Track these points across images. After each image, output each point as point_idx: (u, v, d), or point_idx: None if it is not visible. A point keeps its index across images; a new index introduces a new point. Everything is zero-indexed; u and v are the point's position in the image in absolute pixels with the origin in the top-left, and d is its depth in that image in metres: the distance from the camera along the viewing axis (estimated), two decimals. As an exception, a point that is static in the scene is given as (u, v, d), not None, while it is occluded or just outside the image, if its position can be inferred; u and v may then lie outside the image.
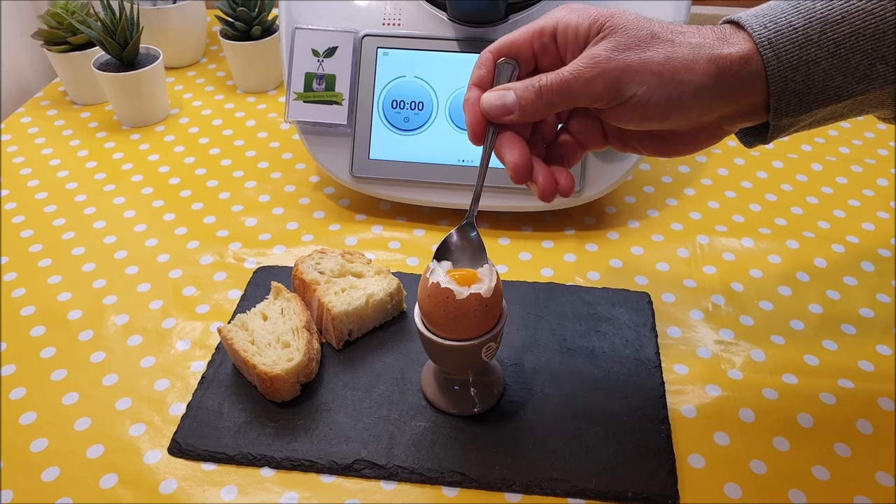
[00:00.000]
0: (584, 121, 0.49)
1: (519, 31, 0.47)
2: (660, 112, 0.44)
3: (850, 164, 0.81)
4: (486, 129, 0.46)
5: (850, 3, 0.43)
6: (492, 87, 0.47)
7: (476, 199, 0.49)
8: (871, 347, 0.60)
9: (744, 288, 0.65)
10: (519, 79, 0.47)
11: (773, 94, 0.44)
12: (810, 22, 0.43)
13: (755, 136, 0.49)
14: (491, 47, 0.48)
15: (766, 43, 0.43)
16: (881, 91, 0.43)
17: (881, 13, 0.42)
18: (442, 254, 0.50)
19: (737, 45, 0.44)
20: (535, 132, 0.49)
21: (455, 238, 0.50)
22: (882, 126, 0.86)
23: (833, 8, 0.43)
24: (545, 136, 0.50)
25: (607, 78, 0.43)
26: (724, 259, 0.69)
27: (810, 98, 0.44)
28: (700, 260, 0.69)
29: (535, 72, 0.48)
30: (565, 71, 0.45)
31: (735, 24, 0.45)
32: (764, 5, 0.45)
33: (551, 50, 0.47)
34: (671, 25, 0.45)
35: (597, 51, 0.44)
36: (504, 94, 0.45)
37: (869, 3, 0.42)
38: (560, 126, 0.50)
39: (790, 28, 0.43)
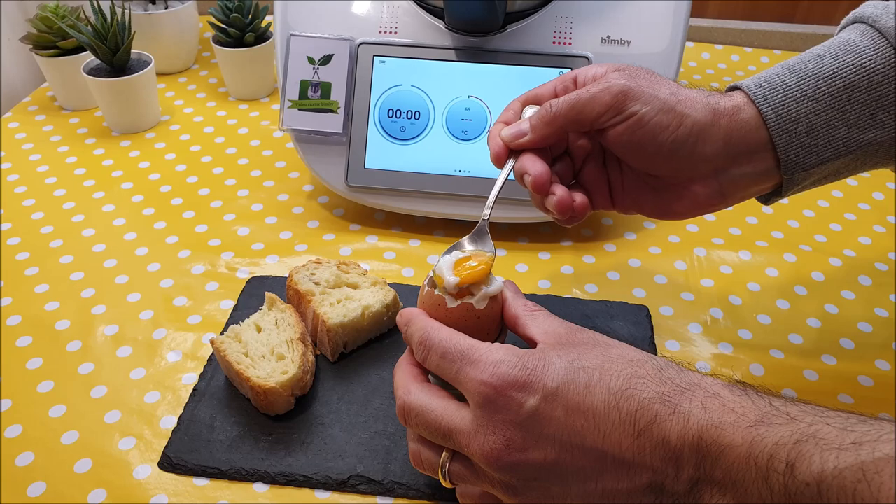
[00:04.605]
0: (594, 171, 0.52)
1: (545, 84, 0.52)
2: (658, 137, 0.46)
3: (846, 178, 0.81)
4: (507, 156, 0.50)
5: (840, 59, 0.46)
6: None
7: (490, 206, 0.50)
8: (871, 362, 0.59)
9: (742, 301, 0.65)
10: None
11: (779, 147, 0.46)
12: (803, 80, 0.46)
13: (772, 191, 0.51)
14: (520, 97, 0.52)
15: (761, 99, 0.46)
16: (890, 140, 0.45)
17: (871, 66, 0.45)
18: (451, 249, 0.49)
19: (731, 99, 0.47)
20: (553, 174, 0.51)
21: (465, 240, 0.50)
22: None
23: (824, 65, 0.46)
24: (563, 178, 0.52)
25: (614, 90, 0.47)
26: (721, 272, 0.68)
27: (819, 148, 0.46)
28: (698, 273, 0.68)
29: None
30: (574, 91, 0.49)
31: (733, 87, 0.49)
32: (760, 73, 0.49)
33: (570, 90, 0.50)
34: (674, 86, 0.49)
35: (607, 76, 0.48)
36: (520, 122, 0.50)
37: (858, 59, 0.46)
38: (573, 182, 0.53)
39: (784, 86, 0.46)
